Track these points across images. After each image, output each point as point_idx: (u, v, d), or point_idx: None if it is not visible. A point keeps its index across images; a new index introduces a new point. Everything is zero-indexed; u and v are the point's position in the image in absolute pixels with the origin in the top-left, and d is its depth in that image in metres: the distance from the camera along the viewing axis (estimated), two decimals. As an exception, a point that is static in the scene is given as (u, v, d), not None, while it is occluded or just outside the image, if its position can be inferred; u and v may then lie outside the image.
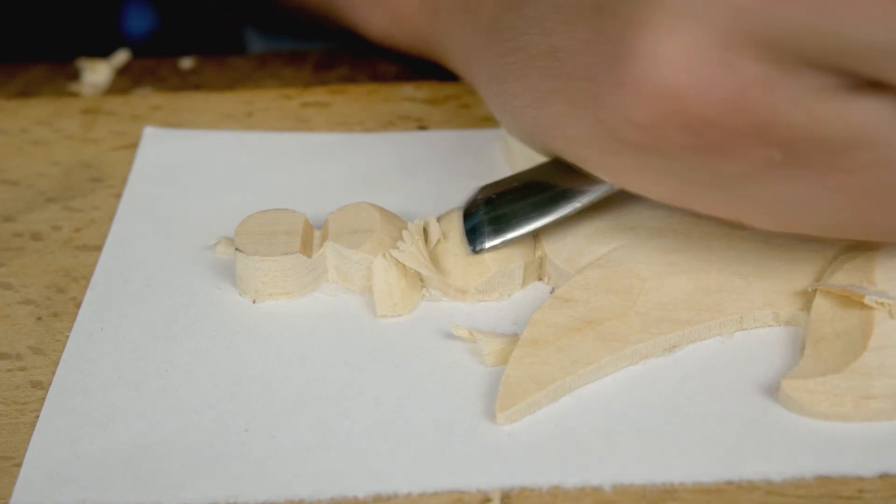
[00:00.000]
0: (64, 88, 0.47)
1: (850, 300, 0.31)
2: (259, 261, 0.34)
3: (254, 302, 0.34)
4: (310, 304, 0.34)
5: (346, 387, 0.31)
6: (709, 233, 0.34)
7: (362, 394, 0.31)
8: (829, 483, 0.28)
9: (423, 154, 0.41)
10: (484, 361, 0.32)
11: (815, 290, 0.32)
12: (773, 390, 0.30)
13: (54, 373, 0.32)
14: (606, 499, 0.28)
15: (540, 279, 0.35)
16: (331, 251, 0.34)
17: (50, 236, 0.38)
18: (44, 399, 0.31)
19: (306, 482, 0.28)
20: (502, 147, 0.41)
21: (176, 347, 0.33)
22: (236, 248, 0.34)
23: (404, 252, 0.34)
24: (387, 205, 0.36)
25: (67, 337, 0.33)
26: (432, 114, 0.44)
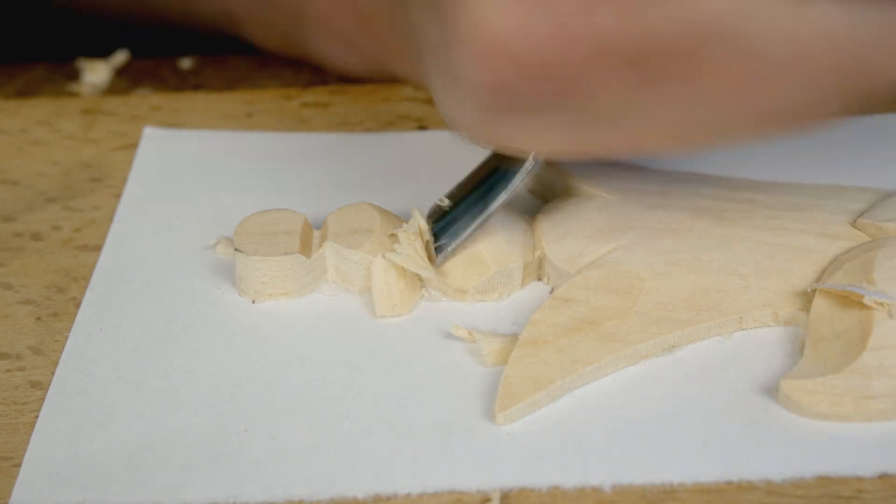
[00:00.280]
0: (63, 88, 0.47)
1: (850, 300, 0.31)
2: (258, 261, 0.34)
3: (253, 302, 0.34)
4: (309, 305, 0.34)
5: (346, 387, 0.31)
6: (709, 233, 0.34)
7: (362, 394, 0.31)
8: (828, 483, 0.28)
9: (423, 154, 0.41)
10: (483, 361, 0.32)
11: (814, 291, 0.32)
12: (772, 390, 0.30)
13: (54, 373, 0.32)
14: (606, 499, 0.28)
15: (539, 279, 0.35)
16: (330, 251, 0.34)
17: (50, 236, 0.38)
18: (43, 399, 0.31)
19: (306, 482, 0.28)
20: (502, 147, 0.41)
21: (176, 347, 0.33)
22: (236, 249, 0.34)
23: (402, 255, 0.33)
24: (387, 205, 0.36)
25: (67, 337, 0.33)
26: (432, 114, 0.44)
